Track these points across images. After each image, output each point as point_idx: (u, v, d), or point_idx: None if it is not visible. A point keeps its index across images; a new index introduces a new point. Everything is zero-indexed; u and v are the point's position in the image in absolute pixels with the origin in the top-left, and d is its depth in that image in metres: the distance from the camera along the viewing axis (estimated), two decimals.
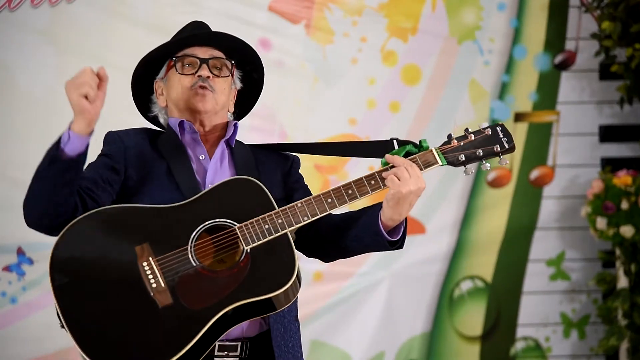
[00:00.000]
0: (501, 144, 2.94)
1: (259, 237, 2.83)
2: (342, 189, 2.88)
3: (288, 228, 2.84)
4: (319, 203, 2.87)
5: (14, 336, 5.21)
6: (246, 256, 2.83)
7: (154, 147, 3.00)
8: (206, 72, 3.00)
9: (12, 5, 5.20)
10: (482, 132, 2.93)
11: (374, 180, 2.88)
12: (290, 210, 2.85)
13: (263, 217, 2.84)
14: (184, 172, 2.95)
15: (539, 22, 5.65)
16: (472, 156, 2.92)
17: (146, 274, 2.82)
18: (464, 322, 5.63)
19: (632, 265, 5.45)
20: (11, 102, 5.23)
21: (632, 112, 5.69)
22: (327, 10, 5.48)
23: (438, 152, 2.91)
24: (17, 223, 5.22)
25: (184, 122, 3.01)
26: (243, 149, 3.08)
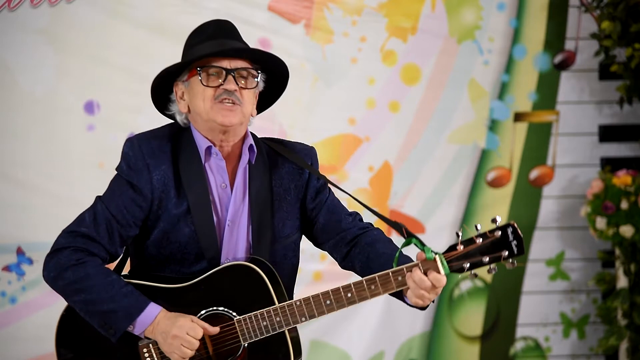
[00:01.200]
0: (510, 248, 2.77)
1: (256, 334, 2.84)
2: (341, 291, 2.86)
3: (285, 327, 2.85)
4: (318, 304, 2.88)
5: (14, 336, 5.20)
6: (244, 350, 2.85)
7: (176, 175, 2.91)
8: (232, 85, 2.89)
9: (11, 5, 5.20)
10: (490, 236, 2.77)
11: (373, 285, 2.83)
12: (289, 309, 2.85)
13: (262, 312, 2.84)
14: (203, 217, 2.89)
15: (539, 22, 5.65)
16: (477, 263, 2.78)
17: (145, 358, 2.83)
18: (463, 322, 5.63)
19: (632, 265, 5.45)
20: (11, 102, 5.23)
21: (631, 112, 5.69)
22: (327, 10, 5.47)
23: (442, 261, 2.80)
24: (16, 223, 5.27)
25: (212, 149, 2.93)
26: (261, 167, 2.99)
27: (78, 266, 2.81)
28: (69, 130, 5.24)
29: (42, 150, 5.24)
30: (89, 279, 2.80)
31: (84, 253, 2.83)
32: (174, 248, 2.89)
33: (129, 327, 2.79)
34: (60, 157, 5.22)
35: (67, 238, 2.86)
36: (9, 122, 5.23)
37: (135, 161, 2.90)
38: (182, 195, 2.90)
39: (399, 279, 2.81)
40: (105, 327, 2.79)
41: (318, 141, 5.43)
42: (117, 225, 2.86)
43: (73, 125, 5.24)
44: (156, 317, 2.80)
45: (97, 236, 2.85)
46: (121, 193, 2.89)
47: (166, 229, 2.89)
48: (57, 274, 2.83)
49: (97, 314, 2.80)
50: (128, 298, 2.80)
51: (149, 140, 2.94)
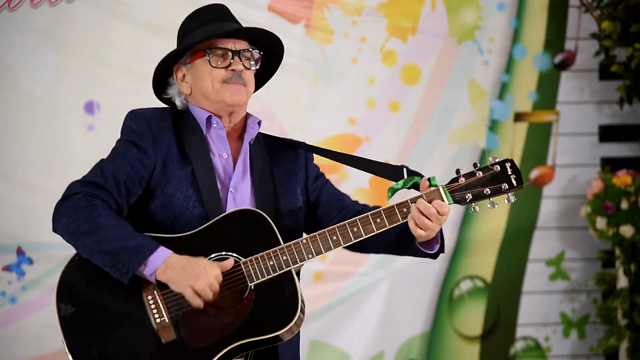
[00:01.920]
0: (509, 182, 2.86)
1: (263, 274, 2.83)
2: (347, 226, 2.86)
3: (292, 265, 2.84)
4: (324, 241, 2.86)
5: (14, 336, 5.20)
6: (250, 292, 2.83)
7: (178, 139, 2.96)
8: (240, 66, 2.97)
9: (12, 5, 5.20)
10: (490, 169, 2.87)
11: (379, 219, 2.86)
12: (295, 247, 2.84)
13: (268, 253, 2.84)
14: (207, 180, 2.92)
15: (539, 22, 5.65)
16: (479, 195, 2.86)
17: (151, 307, 2.82)
18: (463, 322, 5.63)
19: (632, 265, 5.45)
20: (11, 102, 5.23)
21: (631, 112, 5.69)
22: (327, 10, 5.48)
23: (445, 191, 2.87)
24: (17, 223, 5.27)
25: (212, 118, 2.99)
26: (260, 147, 3.05)
27: (90, 207, 2.82)
28: (69, 130, 5.24)
29: (42, 150, 5.24)
30: (100, 218, 2.80)
31: (95, 198, 2.84)
32: (179, 211, 2.90)
33: (140, 266, 2.78)
34: (60, 157, 5.22)
35: (77, 186, 2.88)
36: (9, 122, 5.23)
37: (139, 126, 2.95)
38: (187, 159, 2.94)
39: (404, 211, 2.86)
40: (118, 265, 2.78)
41: (318, 141, 5.43)
42: (123, 177, 2.88)
43: (73, 125, 5.24)
44: (168, 257, 2.79)
45: (105, 184, 2.87)
46: (125, 152, 2.92)
47: (170, 191, 2.90)
48: (69, 216, 2.83)
49: (108, 254, 2.78)
50: (139, 238, 2.80)
51: (150, 112, 3.00)
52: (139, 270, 2.79)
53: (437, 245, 2.94)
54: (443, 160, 5.56)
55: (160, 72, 3.04)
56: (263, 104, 5.38)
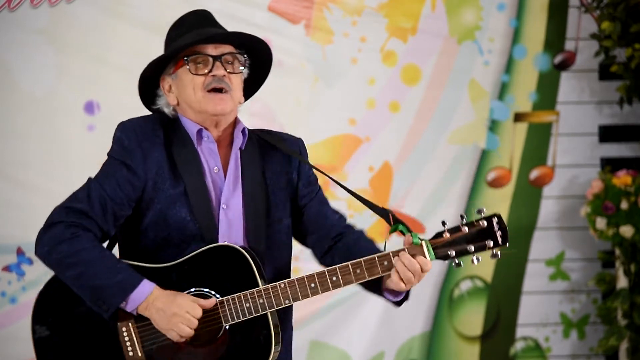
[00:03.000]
0: (494, 238, 2.80)
1: (238, 316, 2.81)
2: (326, 274, 2.82)
3: (268, 309, 2.82)
4: (302, 287, 2.81)
5: (14, 336, 5.20)
6: (224, 332, 2.82)
7: (170, 158, 2.91)
8: (221, 70, 2.91)
9: (11, 5, 5.20)
10: (476, 225, 2.81)
11: (359, 270, 2.81)
12: (273, 291, 2.81)
13: (245, 294, 2.81)
14: (199, 197, 2.89)
15: (539, 22, 5.65)
16: (463, 251, 2.81)
17: (124, 339, 2.81)
18: (463, 322, 5.63)
19: (632, 266, 5.45)
20: (11, 102, 5.23)
21: (631, 112, 5.69)
22: (327, 10, 5.48)
23: (428, 247, 2.82)
24: (16, 223, 5.27)
25: (203, 132, 2.94)
26: (252, 152, 3.00)
27: (72, 240, 2.78)
28: (69, 131, 5.24)
29: (42, 150, 5.24)
30: (83, 252, 2.77)
31: (78, 228, 2.81)
32: (172, 230, 2.87)
33: (121, 303, 2.76)
34: (60, 157, 5.22)
35: (61, 213, 2.84)
36: (9, 122, 5.23)
37: (129, 142, 2.90)
38: (178, 177, 2.89)
39: (385, 264, 2.82)
40: (98, 302, 2.76)
41: (318, 141, 5.43)
42: (110, 203, 2.83)
43: (73, 125, 5.24)
44: (151, 293, 2.77)
45: (90, 212, 2.82)
46: (114, 172, 2.88)
47: (162, 210, 2.87)
48: (51, 248, 2.79)
49: (90, 289, 2.76)
50: (122, 274, 2.77)
51: (141, 125, 2.94)
52: (120, 306, 2.78)
53: (402, 295, 2.93)
54: (443, 160, 5.57)
55: (146, 83, 3.01)
56: (263, 104, 5.39)
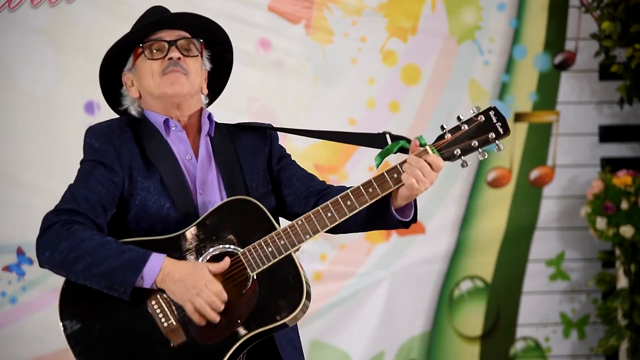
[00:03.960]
0: (495, 130, 2.83)
1: (263, 262, 2.79)
2: (340, 200, 2.80)
3: (291, 249, 2.80)
4: (319, 219, 2.80)
5: (14, 336, 5.20)
6: (253, 282, 2.80)
7: (140, 149, 2.92)
8: (176, 53, 2.92)
9: (12, 5, 5.20)
10: (475, 120, 2.83)
11: (371, 188, 2.79)
12: (292, 230, 2.80)
13: (265, 239, 2.80)
14: (176, 184, 2.88)
15: (539, 22, 5.65)
16: (468, 148, 2.81)
17: (156, 312, 2.79)
18: (463, 322, 5.63)
19: (632, 266, 5.45)
20: (11, 102, 5.23)
21: (631, 112, 5.69)
22: (327, 10, 5.47)
23: (433, 150, 2.81)
24: (17, 223, 5.27)
25: (170, 121, 2.95)
26: (221, 137, 3.00)
27: (70, 235, 2.78)
28: (69, 131, 5.24)
29: (43, 150, 5.24)
30: (84, 243, 2.76)
31: (72, 224, 2.80)
32: (153, 220, 2.86)
33: (137, 280, 2.74)
34: (60, 157, 5.22)
35: (52, 216, 2.84)
36: (9, 122, 5.23)
37: (100, 143, 2.91)
38: (152, 168, 2.89)
39: (395, 177, 2.79)
40: (114, 287, 2.75)
41: (318, 141, 5.43)
42: (96, 197, 2.83)
43: (73, 125, 5.24)
44: (163, 264, 2.76)
45: (79, 208, 2.82)
46: (92, 172, 2.88)
47: (142, 202, 2.86)
48: (52, 250, 2.79)
49: (102, 276, 2.75)
50: (129, 253, 2.76)
51: (108, 126, 2.96)
52: (136, 284, 2.76)
53: (411, 213, 2.87)
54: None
55: (109, 82, 3.03)
56: (263, 104, 5.39)
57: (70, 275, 2.79)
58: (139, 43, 2.97)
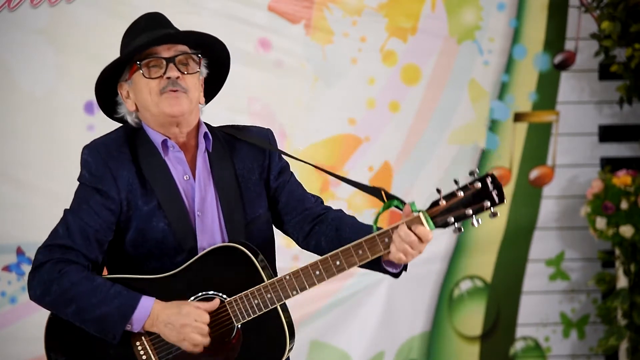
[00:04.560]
0: (491, 198, 2.76)
1: (248, 314, 2.80)
2: (329, 260, 2.80)
3: (277, 303, 2.81)
4: (307, 276, 2.81)
5: (14, 336, 5.20)
6: (237, 331, 2.81)
7: (139, 172, 2.89)
8: (175, 72, 2.87)
9: (11, 5, 5.20)
10: (471, 188, 2.77)
11: (361, 250, 2.79)
12: (279, 284, 2.80)
13: (252, 291, 2.80)
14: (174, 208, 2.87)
15: (539, 22, 5.64)
16: (461, 216, 2.78)
17: (140, 353, 2.80)
18: (463, 322, 5.63)
19: (632, 265, 5.45)
20: (11, 102, 5.23)
21: (631, 112, 5.69)
22: (327, 10, 5.47)
23: (426, 217, 2.79)
24: (16, 223, 5.27)
25: (168, 142, 2.92)
26: (221, 152, 2.97)
27: (61, 277, 2.77)
28: (69, 131, 5.24)
29: (42, 150, 5.24)
30: (75, 287, 2.76)
31: (65, 263, 2.79)
32: (151, 245, 2.86)
33: (126, 327, 2.76)
34: (60, 157, 5.22)
35: (45, 253, 2.82)
36: (9, 122, 5.23)
37: (97, 167, 2.88)
38: (150, 191, 2.87)
39: (386, 241, 2.79)
40: (103, 332, 2.77)
41: (318, 141, 5.43)
42: (91, 230, 2.82)
43: (73, 125, 5.24)
44: (152, 309, 2.76)
45: (73, 244, 2.81)
46: (88, 200, 2.86)
47: (140, 227, 2.85)
48: (43, 291, 2.80)
49: (92, 322, 2.76)
50: (118, 298, 2.76)
51: (106, 144, 2.93)
52: (126, 329, 2.77)
53: (401, 266, 2.90)
54: (443, 160, 5.56)
55: (105, 90, 2.98)
56: (263, 104, 5.39)
57: (60, 314, 2.82)
58: (136, 58, 2.91)
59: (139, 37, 2.94)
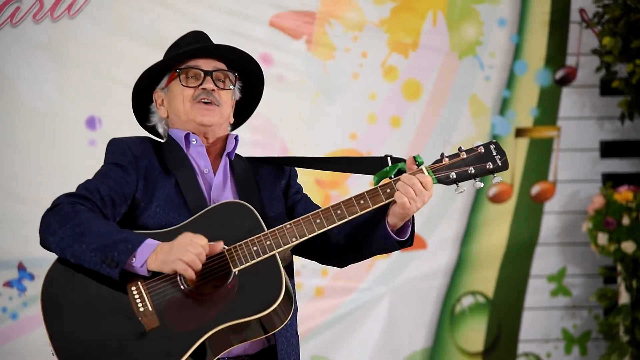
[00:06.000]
0: (494, 161, 2.86)
1: (247, 259, 2.82)
2: (330, 209, 2.85)
3: (276, 249, 2.83)
4: (308, 224, 2.84)
5: (15, 352, 5.19)
6: (234, 278, 2.82)
7: (160, 160, 2.99)
8: (211, 85, 3.00)
9: (14, 20, 5.21)
10: (475, 150, 2.87)
11: (363, 200, 2.85)
12: (279, 232, 2.84)
13: (252, 239, 2.83)
14: (191, 189, 2.95)
15: (540, 38, 5.66)
16: (464, 174, 2.85)
17: (134, 297, 2.82)
18: (465, 338, 5.62)
19: (634, 281, 5.44)
20: (14, 117, 5.23)
21: (632, 127, 5.70)
22: (328, 26, 5.49)
23: (429, 170, 2.85)
24: (18, 238, 5.26)
25: (190, 135, 3.01)
26: (242, 162, 3.08)
27: (74, 211, 2.84)
28: (71, 145, 5.25)
29: (44, 165, 5.24)
30: (87, 221, 2.82)
31: (80, 205, 2.87)
32: (168, 223, 2.91)
33: (130, 257, 2.77)
34: (61, 172, 5.22)
35: (62, 198, 2.91)
36: (10, 137, 5.23)
37: (119, 150, 2.98)
38: (169, 174, 2.96)
39: (387, 191, 2.84)
40: (107, 261, 2.78)
41: (319, 156, 5.43)
42: (107, 191, 2.90)
43: (75, 140, 5.25)
44: (157, 246, 2.79)
45: (91, 197, 2.89)
46: (107, 171, 2.95)
47: (157, 203, 2.92)
48: (55, 221, 2.84)
49: (97, 250, 2.78)
50: (127, 233, 2.81)
51: (131, 139, 3.03)
52: (128, 262, 2.78)
53: (407, 233, 2.90)
54: None
55: (140, 97, 3.09)
56: (265, 119, 5.39)
57: (65, 249, 2.83)
58: (176, 67, 3.03)
59: (183, 49, 3.06)
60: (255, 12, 5.40)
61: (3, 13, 5.20)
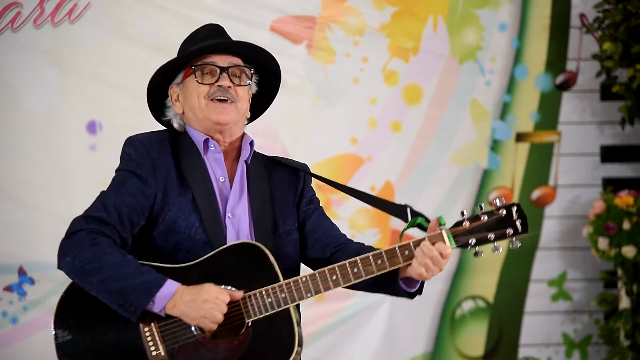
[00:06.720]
0: (514, 227, 2.84)
1: (260, 311, 2.81)
2: (347, 266, 2.83)
3: (290, 303, 2.82)
4: (324, 280, 2.83)
5: (15, 357, 5.19)
6: (247, 328, 2.81)
7: (177, 167, 2.94)
8: (227, 82, 2.95)
9: (14, 25, 5.21)
10: (496, 214, 2.84)
11: (380, 260, 2.82)
12: (295, 285, 2.82)
13: (267, 289, 2.81)
14: (208, 205, 2.91)
15: (540, 43, 5.66)
16: (483, 240, 2.83)
17: (147, 340, 2.80)
18: (465, 342, 5.61)
19: (634, 286, 5.44)
20: (14, 122, 5.23)
21: (633, 132, 5.70)
22: (329, 30, 5.49)
23: (448, 235, 2.84)
24: (18, 242, 5.26)
25: (209, 141, 2.98)
26: (258, 164, 3.04)
27: (94, 246, 2.79)
28: (72, 150, 5.25)
29: (44, 170, 5.24)
30: (106, 257, 2.78)
31: (98, 234, 2.82)
32: (181, 238, 2.88)
33: (148, 303, 2.76)
34: (62, 177, 5.22)
35: (81, 222, 2.85)
36: (11, 142, 5.23)
37: (137, 156, 2.93)
38: (186, 185, 2.92)
39: (406, 253, 2.82)
40: (125, 305, 2.76)
41: (320, 161, 5.43)
42: (126, 210, 2.85)
43: (75, 145, 5.25)
44: (176, 291, 2.77)
45: (108, 219, 2.84)
46: (125, 182, 2.90)
47: (172, 219, 2.89)
48: (74, 256, 2.80)
49: (116, 293, 2.76)
50: (145, 275, 2.77)
51: (148, 137, 2.98)
52: (147, 307, 2.77)
53: (417, 285, 2.91)
54: (445, 180, 5.57)
55: (155, 92, 3.05)
56: (265, 124, 5.38)
57: (84, 284, 2.81)
58: (191, 64, 2.98)
59: (198, 43, 3.02)
60: (255, 17, 5.40)
61: (4, 18, 5.20)
